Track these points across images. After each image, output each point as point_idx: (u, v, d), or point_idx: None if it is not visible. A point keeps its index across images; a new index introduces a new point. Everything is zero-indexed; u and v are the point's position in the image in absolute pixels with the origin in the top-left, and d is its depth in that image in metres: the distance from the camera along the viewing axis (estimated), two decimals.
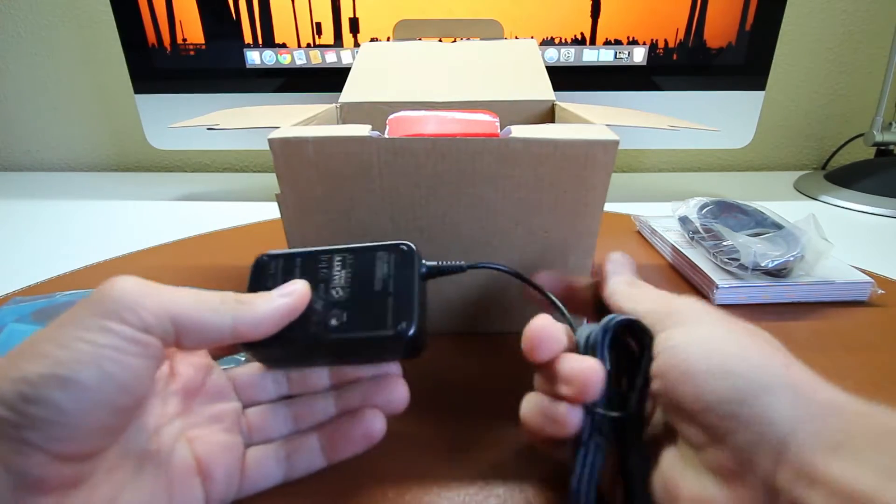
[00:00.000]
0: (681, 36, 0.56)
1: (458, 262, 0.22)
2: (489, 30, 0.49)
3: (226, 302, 0.18)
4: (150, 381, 0.17)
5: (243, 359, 0.26)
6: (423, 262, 0.22)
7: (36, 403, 0.14)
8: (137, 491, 0.17)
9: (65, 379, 0.14)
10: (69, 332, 0.15)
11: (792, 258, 0.35)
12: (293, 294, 0.19)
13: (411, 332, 0.19)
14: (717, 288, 0.35)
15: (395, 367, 0.22)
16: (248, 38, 0.57)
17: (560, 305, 0.22)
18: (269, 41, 0.57)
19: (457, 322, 0.32)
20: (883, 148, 0.66)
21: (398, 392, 0.21)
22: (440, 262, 0.22)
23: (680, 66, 0.58)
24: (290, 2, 0.55)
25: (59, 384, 0.14)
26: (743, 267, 0.35)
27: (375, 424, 0.21)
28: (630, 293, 0.21)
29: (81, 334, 0.15)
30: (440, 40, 0.53)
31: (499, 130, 0.30)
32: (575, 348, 0.20)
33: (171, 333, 0.17)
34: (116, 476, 0.17)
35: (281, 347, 0.20)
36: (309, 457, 0.21)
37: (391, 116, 0.32)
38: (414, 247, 0.22)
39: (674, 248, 0.42)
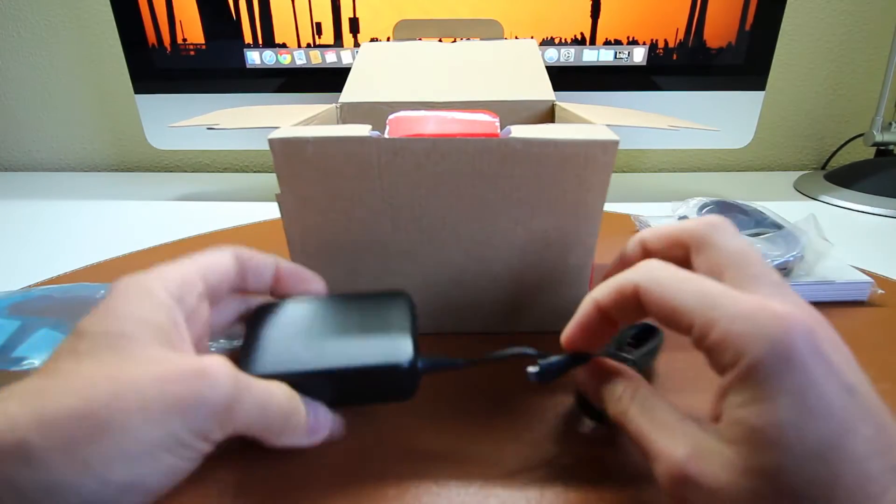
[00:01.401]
0: (681, 36, 0.56)
1: (456, 361, 0.22)
2: (489, 30, 0.49)
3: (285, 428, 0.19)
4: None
5: (213, 349, 0.28)
6: (420, 362, 0.21)
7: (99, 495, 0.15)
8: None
9: (136, 486, 0.16)
10: (156, 437, 0.16)
11: (792, 258, 0.35)
12: (323, 434, 0.21)
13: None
14: None
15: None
16: (248, 38, 0.57)
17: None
18: (269, 41, 0.57)
19: (458, 322, 0.32)
20: (883, 148, 0.66)
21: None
22: (436, 360, 0.22)
23: (680, 66, 0.58)
24: (290, 2, 0.55)
25: (129, 491, 0.16)
26: None
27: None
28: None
29: (169, 444, 0.16)
30: (440, 40, 0.53)
31: (499, 130, 0.30)
32: None
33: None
34: None
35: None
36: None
37: (391, 116, 0.32)
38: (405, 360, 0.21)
39: None
